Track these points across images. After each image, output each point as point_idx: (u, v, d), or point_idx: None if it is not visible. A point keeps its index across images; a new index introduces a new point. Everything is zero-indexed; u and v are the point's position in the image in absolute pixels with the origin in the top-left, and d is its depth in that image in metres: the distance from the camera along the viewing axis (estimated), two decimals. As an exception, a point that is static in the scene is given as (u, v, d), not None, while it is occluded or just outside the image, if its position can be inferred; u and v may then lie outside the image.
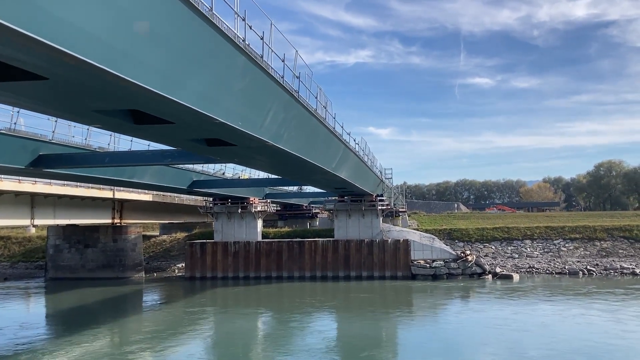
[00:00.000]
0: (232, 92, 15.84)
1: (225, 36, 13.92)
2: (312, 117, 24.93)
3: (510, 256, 64.33)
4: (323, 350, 28.14)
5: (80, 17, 9.20)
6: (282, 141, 22.09)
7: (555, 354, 25.74)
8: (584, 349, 26.49)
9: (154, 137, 20.28)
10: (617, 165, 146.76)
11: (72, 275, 60.36)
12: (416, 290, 49.36)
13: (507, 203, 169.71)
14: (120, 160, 29.28)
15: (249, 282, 56.67)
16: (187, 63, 13.01)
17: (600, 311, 36.95)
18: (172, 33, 12.06)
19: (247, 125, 17.74)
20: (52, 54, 8.92)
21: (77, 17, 9.11)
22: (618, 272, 56.50)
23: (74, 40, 9.12)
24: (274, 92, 18.88)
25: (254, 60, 16.13)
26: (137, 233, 62.79)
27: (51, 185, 46.27)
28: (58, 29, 8.65)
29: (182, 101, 13.10)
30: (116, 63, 10.32)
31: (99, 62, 9.80)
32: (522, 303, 40.74)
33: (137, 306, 46.75)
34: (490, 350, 27.18)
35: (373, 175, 53.69)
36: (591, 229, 67.32)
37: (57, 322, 39.20)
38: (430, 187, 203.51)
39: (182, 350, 28.96)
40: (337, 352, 28.56)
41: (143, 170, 37.37)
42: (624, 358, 24.91)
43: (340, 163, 35.74)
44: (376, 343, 30.47)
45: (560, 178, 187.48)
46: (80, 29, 9.29)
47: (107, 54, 10.08)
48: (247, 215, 61.21)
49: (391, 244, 57.57)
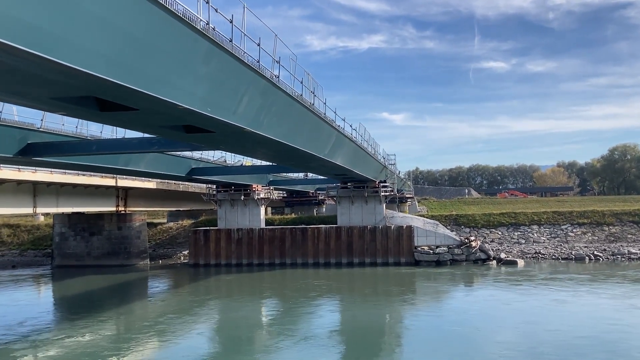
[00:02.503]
0: (197, 78, 15.51)
1: (182, 20, 13.56)
2: (295, 102, 24.53)
3: (517, 242, 63.61)
4: (326, 336, 28.03)
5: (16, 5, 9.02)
6: (263, 127, 21.75)
7: (552, 340, 25.36)
8: (577, 337, 26.02)
9: (123, 123, 20.07)
10: (631, 149, 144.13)
11: (78, 262, 60.96)
12: (419, 277, 49.04)
13: (520, 188, 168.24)
14: (108, 148, 29.20)
15: (252, 269, 56.74)
16: (139, 48, 12.70)
17: (596, 296, 36.50)
18: (119, 18, 11.75)
19: (218, 111, 17.43)
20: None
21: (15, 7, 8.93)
22: (625, 257, 55.56)
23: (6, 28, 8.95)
24: (247, 77, 18.51)
25: (219, 45, 15.76)
26: (142, 220, 63.11)
27: (52, 174, 46.54)
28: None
29: (136, 87, 12.82)
30: (51, 48, 10.05)
31: (30, 47, 9.53)
32: (522, 289, 40.20)
33: (140, 293, 47.04)
34: (490, 337, 26.92)
35: (374, 161, 53.20)
36: (600, 213, 66.26)
37: (62, 310, 39.56)
38: (443, 172, 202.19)
39: (187, 337, 28.90)
40: (340, 339, 28.44)
41: (138, 157, 37.31)
42: (619, 348, 24.38)
43: (335, 149, 35.33)
44: (379, 330, 30.37)
45: (574, 162, 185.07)
46: (15, 17, 9.10)
47: (42, 40, 9.80)
48: (250, 202, 61.15)
49: (394, 230, 57.18)
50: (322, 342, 26.91)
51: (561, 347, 24.25)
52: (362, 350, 25.77)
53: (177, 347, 27.26)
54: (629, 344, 24.70)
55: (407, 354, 25.14)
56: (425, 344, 26.03)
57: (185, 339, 28.64)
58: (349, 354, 25.44)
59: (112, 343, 27.37)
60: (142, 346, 26.86)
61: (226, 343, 28.23)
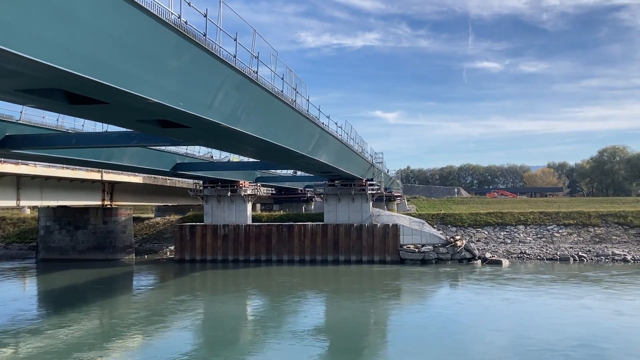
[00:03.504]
0: (167, 72, 15.37)
1: (149, 12, 13.41)
2: (275, 99, 24.40)
3: (503, 241, 63.85)
4: (311, 334, 27.88)
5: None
6: (240, 123, 21.63)
7: (527, 340, 25.47)
8: (559, 337, 26.15)
9: (96, 117, 19.90)
10: (620, 151, 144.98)
11: (63, 256, 60.62)
12: (404, 275, 49.07)
13: (510, 188, 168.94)
14: (87, 141, 28.95)
15: (238, 266, 56.62)
16: (104, 41, 12.54)
17: (571, 297, 36.76)
18: (81, 9, 11.60)
19: (192, 106, 17.29)
20: None
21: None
22: (609, 258, 55.88)
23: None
24: (221, 72, 18.38)
25: (191, 39, 15.62)
26: (128, 215, 62.81)
27: (36, 167, 46.10)
28: None
29: (101, 80, 12.68)
30: (9, 40, 9.90)
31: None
32: (505, 289, 40.31)
33: (124, 288, 46.74)
34: (471, 336, 27.08)
35: (361, 159, 53.16)
36: (585, 214, 66.60)
37: (44, 304, 39.17)
38: (434, 171, 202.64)
39: (169, 333, 28.74)
40: (325, 336, 28.35)
41: (121, 152, 37.05)
42: (590, 345, 24.51)
43: (318, 147, 35.25)
44: (364, 327, 30.36)
45: (564, 163, 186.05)
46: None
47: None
48: (236, 199, 61.00)
49: (380, 229, 57.21)
50: (305, 339, 26.82)
51: (542, 347, 24.34)
52: (346, 348, 25.75)
53: (160, 343, 27.07)
54: (602, 345, 24.83)
55: (390, 351, 25.19)
56: (408, 342, 26.05)
57: (168, 335, 28.51)
58: (332, 351, 25.40)
59: (94, 339, 27.10)
60: (124, 342, 26.66)
61: (209, 339, 27.99)
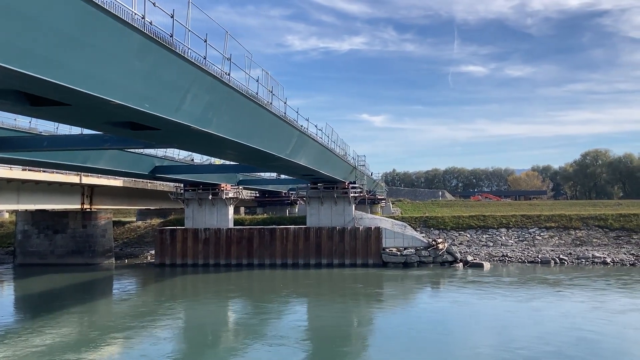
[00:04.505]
0: (130, 73, 15.01)
1: (109, 13, 13.05)
2: (250, 101, 24.10)
3: (485, 244, 63.99)
4: (292, 339, 27.48)
5: None
6: (212, 126, 21.29)
7: (506, 341, 25.41)
8: (539, 338, 26.09)
9: (60, 119, 19.48)
10: (603, 155, 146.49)
11: (41, 261, 59.69)
12: (386, 279, 48.92)
13: (494, 192, 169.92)
14: (59, 144, 28.38)
15: (219, 270, 56.06)
16: (60, 40, 12.16)
17: (549, 300, 36.90)
18: (34, 8, 11.22)
19: (158, 108, 16.94)
20: None
21: None
22: (590, 261, 56.18)
23: None
24: (190, 73, 18.04)
25: (155, 40, 15.29)
26: (107, 219, 62.03)
27: (11, 170, 45.35)
28: None
29: (57, 80, 12.30)
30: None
31: None
32: (484, 292, 40.29)
33: (103, 293, 46.06)
34: (452, 338, 26.99)
35: (342, 162, 52.95)
36: (567, 217, 67.03)
37: (21, 309, 38.50)
38: (419, 174, 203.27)
39: (148, 338, 28.12)
40: (306, 341, 28.00)
41: (97, 155, 36.53)
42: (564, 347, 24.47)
43: (297, 149, 34.96)
44: (345, 331, 30.03)
45: (548, 167, 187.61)
46: None
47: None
48: (218, 202, 60.48)
49: (363, 232, 57.03)
50: (286, 344, 26.42)
51: (522, 347, 24.27)
52: (327, 352, 25.48)
53: (139, 348, 26.41)
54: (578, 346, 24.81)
55: (371, 355, 25.00)
56: (389, 346, 25.83)
57: (147, 340, 27.93)
58: (313, 356, 25.10)
59: (71, 344, 26.49)
60: (102, 348, 26.09)
61: (189, 345, 27.50)
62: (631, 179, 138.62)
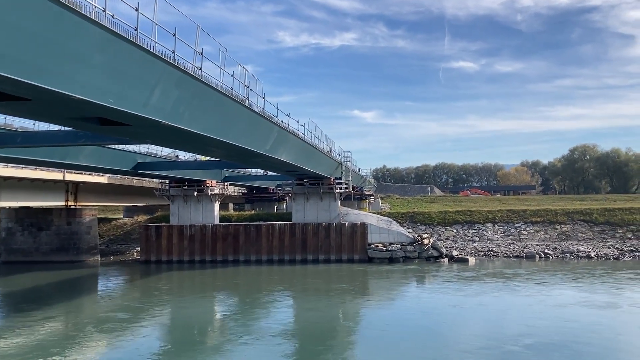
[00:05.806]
0: (91, 67, 14.81)
1: (65, 6, 12.87)
2: (223, 96, 23.95)
3: (471, 239, 64.16)
4: (278, 335, 27.29)
5: None
6: (184, 121, 21.13)
7: (494, 334, 25.49)
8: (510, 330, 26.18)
9: (25, 114, 19.26)
10: (591, 150, 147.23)
11: (26, 258, 59.27)
12: (371, 274, 48.92)
13: (484, 187, 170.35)
14: (32, 140, 28.10)
15: (205, 266, 55.90)
16: (13, 35, 11.96)
17: (533, 294, 36.98)
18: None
19: (124, 103, 16.77)
20: None
21: None
22: (574, 255, 56.50)
23: None
24: (156, 68, 17.86)
25: (117, 34, 15.11)
26: (92, 216, 61.66)
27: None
28: None
29: (11, 75, 12.12)
30: None
31: None
32: (468, 287, 40.38)
33: (88, 290, 45.71)
34: (436, 333, 27.06)
35: (327, 158, 52.87)
36: (552, 212, 67.31)
37: (4, 307, 38.08)
38: (410, 170, 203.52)
39: (133, 336, 27.76)
40: (292, 337, 27.84)
41: (76, 151, 36.19)
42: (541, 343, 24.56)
43: (277, 145, 34.83)
44: (331, 327, 29.96)
45: (538, 162, 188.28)
46: None
47: None
48: (203, 198, 60.26)
49: (348, 227, 57.02)
50: (272, 340, 26.20)
51: (507, 342, 24.33)
52: (313, 348, 25.33)
53: (124, 346, 26.11)
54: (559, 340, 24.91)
55: (357, 351, 24.96)
56: (374, 341, 25.81)
57: (132, 338, 27.61)
58: (299, 351, 24.98)
59: (56, 342, 26.17)
60: (87, 346, 25.82)
61: (174, 341, 27.28)
62: (618, 173, 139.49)
